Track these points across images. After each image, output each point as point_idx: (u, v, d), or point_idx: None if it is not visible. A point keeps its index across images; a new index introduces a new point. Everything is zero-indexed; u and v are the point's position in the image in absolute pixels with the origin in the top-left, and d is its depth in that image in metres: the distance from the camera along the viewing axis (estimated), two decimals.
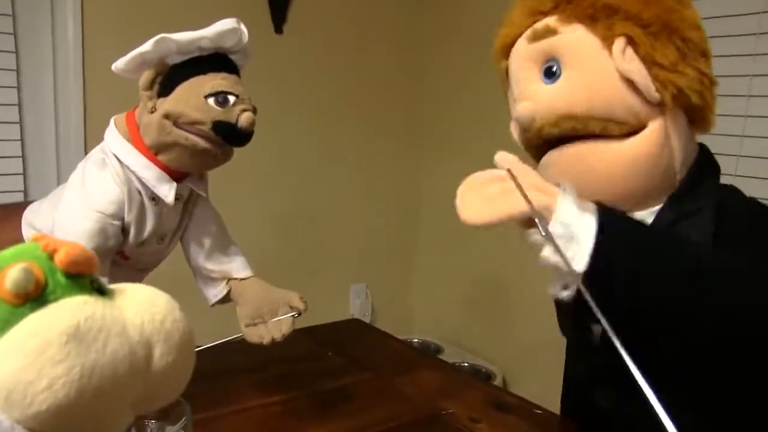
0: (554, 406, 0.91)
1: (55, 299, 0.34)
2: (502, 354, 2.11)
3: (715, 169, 0.71)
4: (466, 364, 2.13)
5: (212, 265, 0.96)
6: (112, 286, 0.39)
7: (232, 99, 0.82)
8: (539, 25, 0.68)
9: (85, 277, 0.36)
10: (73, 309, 0.33)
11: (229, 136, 0.83)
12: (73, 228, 0.82)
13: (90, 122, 1.70)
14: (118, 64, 0.84)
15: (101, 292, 0.37)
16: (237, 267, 0.96)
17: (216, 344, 0.88)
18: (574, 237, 0.55)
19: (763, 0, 1.39)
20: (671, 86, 0.63)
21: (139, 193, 0.86)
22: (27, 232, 0.94)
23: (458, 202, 0.60)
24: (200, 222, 0.96)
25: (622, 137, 0.65)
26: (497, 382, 2.02)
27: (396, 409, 0.92)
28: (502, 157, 0.62)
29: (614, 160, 0.65)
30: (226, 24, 0.84)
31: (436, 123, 2.29)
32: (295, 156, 2.07)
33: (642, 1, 0.64)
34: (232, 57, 0.88)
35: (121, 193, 0.84)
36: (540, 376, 1.62)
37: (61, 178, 1.73)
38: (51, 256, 0.35)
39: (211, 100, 0.81)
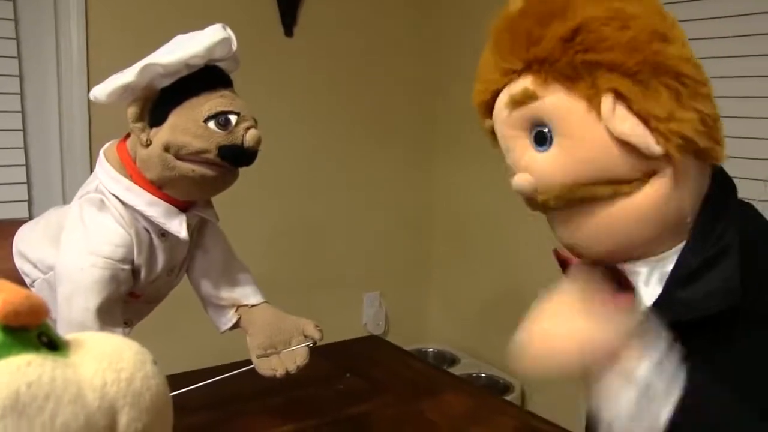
0: (576, 420, 0.84)
1: None
2: None
3: (730, 189, 0.65)
4: (483, 375, 2.06)
5: (221, 293, 0.90)
6: (69, 337, 0.31)
7: (233, 118, 0.76)
8: (516, 89, 0.61)
9: (31, 330, 0.29)
10: (11, 373, 0.27)
11: (237, 158, 0.77)
12: (83, 279, 0.76)
13: (95, 128, 1.65)
14: (97, 95, 0.77)
15: (52, 346, 0.30)
16: (246, 293, 0.90)
17: (223, 378, 0.81)
18: None
19: None
20: (674, 137, 0.56)
21: (147, 231, 0.80)
22: (22, 264, 0.87)
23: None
24: (207, 248, 0.90)
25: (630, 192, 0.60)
26: (516, 393, 1.96)
27: None
28: None
29: (624, 216, 0.60)
30: (215, 35, 0.77)
31: (450, 127, 2.23)
32: (306, 162, 2.03)
33: (625, 50, 0.56)
34: (221, 65, 0.81)
35: (128, 236, 0.78)
36: (560, 387, 1.54)
37: (66, 185, 1.68)
38: None
39: (211, 124, 0.75)
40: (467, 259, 2.22)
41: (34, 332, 0.30)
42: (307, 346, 0.84)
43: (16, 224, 0.91)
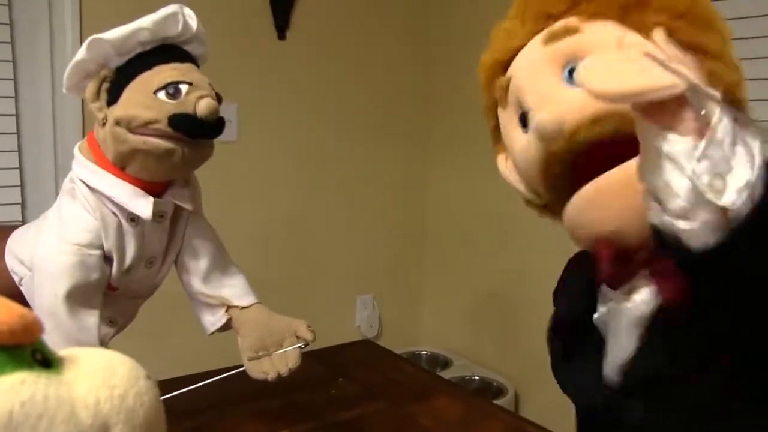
0: (571, 423, 0.84)
1: None
2: (514, 367, 2.05)
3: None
4: (476, 378, 2.07)
5: (210, 290, 0.88)
6: (63, 353, 0.32)
7: (184, 88, 0.74)
8: (556, 25, 0.59)
9: (25, 347, 0.29)
10: (5, 392, 0.27)
11: (190, 128, 0.74)
12: (51, 267, 0.76)
13: (89, 131, 1.64)
14: (64, 83, 0.78)
15: (45, 363, 0.30)
16: (237, 293, 0.88)
17: (213, 381, 0.81)
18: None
19: None
20: (727, 76, 0.54)
21: (115, 215, 0.79)
22: (12, 263, 0.87)
23: (583, 69, 0.47)
24: (193, 242, 0.88)
25: None
26: (509, 396, 1.96)
27: None
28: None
29: None
30: (165, 10, 0.77)
31: (443, 130, 2.24)
32: (299, 164, 2.03)
33: None
34: (186, 47, 0.80)
35: (93, 220, 0.78)
36: (554, 390, 1.55)
37: (59, 188, 1.67)
38: None
39: (161, 95, 0.74)
40: (461, 262, 2.22)
41: (28, 349, 0.30)
42: (299, 347, 0.82)
43: (11, 228, 0.92)
